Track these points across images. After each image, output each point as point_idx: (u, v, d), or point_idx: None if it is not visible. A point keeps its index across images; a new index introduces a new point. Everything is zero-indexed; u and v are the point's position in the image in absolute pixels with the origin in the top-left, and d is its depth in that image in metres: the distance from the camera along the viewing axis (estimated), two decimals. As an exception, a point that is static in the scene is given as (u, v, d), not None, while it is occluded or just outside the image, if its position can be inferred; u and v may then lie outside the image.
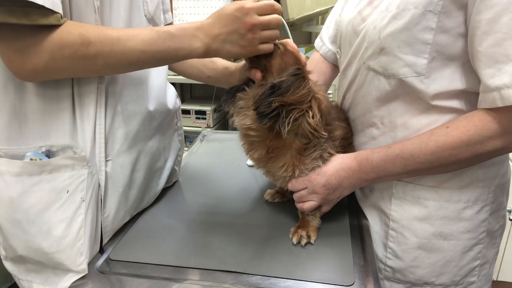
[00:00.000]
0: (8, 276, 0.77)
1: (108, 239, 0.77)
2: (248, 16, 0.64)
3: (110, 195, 0.74)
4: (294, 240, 0.76)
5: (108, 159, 0.72)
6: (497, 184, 0.76)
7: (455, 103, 0.69)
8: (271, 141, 0.74)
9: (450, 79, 0.67)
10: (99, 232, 0.75)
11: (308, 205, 0.77)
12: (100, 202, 0.73)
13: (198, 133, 1.52)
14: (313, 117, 0.69)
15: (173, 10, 2.61)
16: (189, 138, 2.57)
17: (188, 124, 2.54)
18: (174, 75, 2.39)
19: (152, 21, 0.80)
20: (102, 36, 0.60)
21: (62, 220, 0.67)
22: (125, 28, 0.67)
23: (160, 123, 0.86)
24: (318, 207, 0.79)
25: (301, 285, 0.66)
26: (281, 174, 0.77)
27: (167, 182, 0.97)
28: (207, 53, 0.66)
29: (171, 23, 0.96)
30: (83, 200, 0.68)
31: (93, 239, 0.72)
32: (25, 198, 0.65)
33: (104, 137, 0.70)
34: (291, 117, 0.67)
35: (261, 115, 0.68)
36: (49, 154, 0.67)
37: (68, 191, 0.67)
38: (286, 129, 0.68)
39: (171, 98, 0.92)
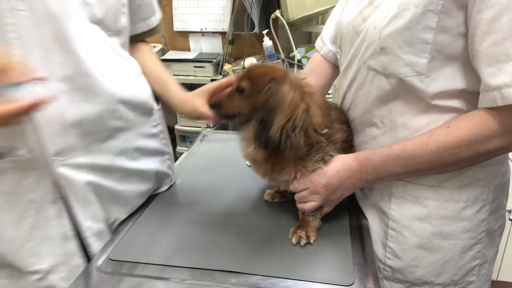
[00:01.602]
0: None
1: (92, 240, 0.76)
2: None
3: (71, 198, 0.73)
4: (294, 240, 0.76)
5: (61, 159, 0.70)
6: (497, 184, 0.76)
7: (455, 103, 0.69)
8: (275, 158, 0.75)
9: (450, 78, 0.68)
10: (74, 233, 0.74)
11: (309, 205, 0.77)
12: (63, 204, 0.72)
13: (198, 133, 1.52)
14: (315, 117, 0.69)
15: (173, 10, 2.61)
16: (189, 138, 2.57)
17: (188, 124, 2.53)
18: (174, 74, 2.40)
19: (100, 23, 0.74)
20: None
21: (10, 222, 0.67)
22: None
23: (124, 124, 0.81)
24: (319, 208, 0.79)
25: (301, 285, 0.66)
26: (283, 178, 0.78)
27: (158, 187, 0.95)
28: None
29: (154, 28, 0.94)
30: (33, 202, 0.68)
31: (59, 240, 0.72)
32: None
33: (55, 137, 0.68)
34: (297, 133, 0.67)
35: (271, 148, 0.69)
36: None
37: (16, 193, 0.66)
38: (301, 140, 0.69)
39: (141, 98, 0.85)
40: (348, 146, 0.83)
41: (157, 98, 0.93)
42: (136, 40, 0.93)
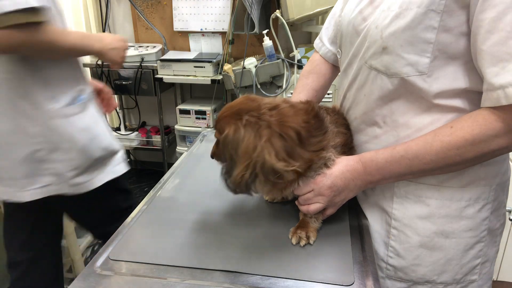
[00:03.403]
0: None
1: None
2: None
3: None
4: (293, 241, 0.76)
5: None
6: (498, 183, 0.76)
7: (457, 102, 0.69)
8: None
9: (452, 77, 0.67)
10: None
11: (313, 207, 0.76)
12: None
13: (198, 133, 1.52)
14: (276, 156, 0.67)
15: (173, 10, 2.61)
16: (189, 138, 2.57)
17: (188, 124, 2.54)
18: (174, 74, 2.40)
19: None
20: None
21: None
22: None
23: None
24: (322, 210, 0.78)
25: (300, 285, 0.66)
26: (288, 192, 0.77)
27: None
28: None
29: None
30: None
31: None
32: None
33: None
34: (257, 181, 0.69)
35: (239, 193, 0.73)
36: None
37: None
38: (267, 185, 0.71)
39: None
40: (348, 149, 0.82)
41: None
42: None
